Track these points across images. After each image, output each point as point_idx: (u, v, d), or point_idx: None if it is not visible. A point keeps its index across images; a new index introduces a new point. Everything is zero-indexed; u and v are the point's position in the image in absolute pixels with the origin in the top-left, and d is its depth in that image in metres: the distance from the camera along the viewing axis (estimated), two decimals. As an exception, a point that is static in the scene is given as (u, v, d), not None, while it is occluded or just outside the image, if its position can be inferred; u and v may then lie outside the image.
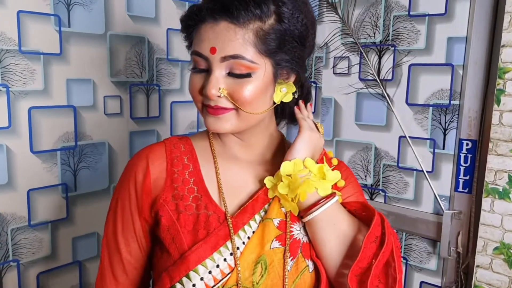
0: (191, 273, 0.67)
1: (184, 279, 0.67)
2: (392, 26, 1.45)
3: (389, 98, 1.47)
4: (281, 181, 0.71)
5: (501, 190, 1.20)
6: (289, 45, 0.68)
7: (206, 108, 0.70)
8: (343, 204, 0.75)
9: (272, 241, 0.70)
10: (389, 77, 1.47)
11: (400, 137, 1.46)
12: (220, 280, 0.68)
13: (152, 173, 0.74)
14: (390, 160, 1.49)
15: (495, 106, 1.19)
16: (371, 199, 1.55)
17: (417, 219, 1.43)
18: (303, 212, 0.71)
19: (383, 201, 1.52)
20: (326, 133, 1.63)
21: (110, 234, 0.77)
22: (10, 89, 1.09)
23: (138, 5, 1.34)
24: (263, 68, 0.66)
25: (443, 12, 1.34)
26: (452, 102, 1.34)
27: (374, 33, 1.49)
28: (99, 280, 0.78)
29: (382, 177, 1.52)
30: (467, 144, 1.32)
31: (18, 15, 1.08)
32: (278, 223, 0.72)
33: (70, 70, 1.21)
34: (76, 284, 1.30)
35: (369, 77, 1.51)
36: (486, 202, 1.22)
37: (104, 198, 1.34)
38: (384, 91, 1.48)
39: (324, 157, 0.76)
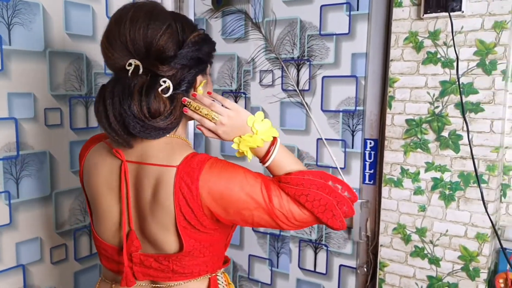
0: None
1: None
2: (307, 43, 1.67)
3: (307, 106, 1.68)
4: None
5: (395, 179, 1.43)
6: None
7: None
8: None
9: None
10: (306, 88, 1.68)
11: (318, 139, 1.67)
12: None
13: None
14: (310, 160, 1.70)
15: (388, 109, 1.43)
16: (296, 195, 1.74)
17: (334, 210, 1.64)
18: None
19: (306, 196, 1.72)
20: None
21: None
22: (-48, 103, 1.17)
23: (75, 23, 1.46)
24: None
25: (347, 32, 1.58)
26: (357, 108, 1.58)
27: (293, 50, 1.70)
28: None
29: (304, 175, 1.71)
30: (370, 143, 1.55)
31: (-41, 34, 1.17)
32: None
33: (11, 84, 1.29)
34: (20, 287, 1.36)
35: (290, 88, 1.72)
36: (385, 191, 1.45)
37: (46, 204, 1.42)
38: (302, 100, 1.69)
39: None
